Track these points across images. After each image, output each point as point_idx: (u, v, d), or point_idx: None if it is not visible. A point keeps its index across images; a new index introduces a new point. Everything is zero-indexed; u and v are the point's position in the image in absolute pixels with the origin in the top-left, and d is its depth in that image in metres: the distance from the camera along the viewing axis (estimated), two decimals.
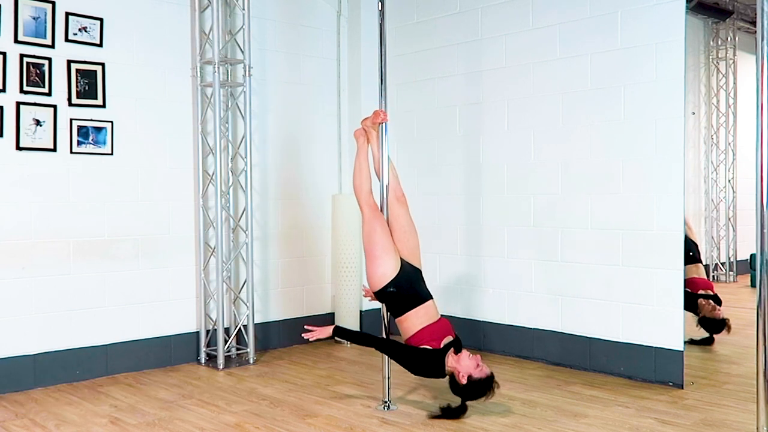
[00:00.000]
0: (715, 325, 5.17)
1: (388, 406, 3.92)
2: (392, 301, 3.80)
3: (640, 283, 4.43)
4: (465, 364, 3.62)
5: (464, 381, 3.60)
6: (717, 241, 6.13)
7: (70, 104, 4.49)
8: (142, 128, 4.81)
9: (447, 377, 3.71)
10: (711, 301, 5.22)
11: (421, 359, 3.68)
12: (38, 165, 4.40)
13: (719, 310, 5.20)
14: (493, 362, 4.96)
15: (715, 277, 6.63)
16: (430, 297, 3.87)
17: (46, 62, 4.40)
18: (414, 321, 3.76)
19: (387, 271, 3.77)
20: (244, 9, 5.01)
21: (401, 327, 3.81)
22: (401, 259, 3.84)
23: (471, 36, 5.34)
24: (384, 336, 3.95)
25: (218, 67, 4.86)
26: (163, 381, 4.56)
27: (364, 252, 3.96)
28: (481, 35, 5.28)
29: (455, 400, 3.73)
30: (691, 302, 4.99)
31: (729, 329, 5.15)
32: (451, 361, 3.66)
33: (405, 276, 3.80)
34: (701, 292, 5.25)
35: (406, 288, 3.78)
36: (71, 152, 4.51)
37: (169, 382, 4.54)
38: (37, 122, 4.37)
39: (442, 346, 3.68)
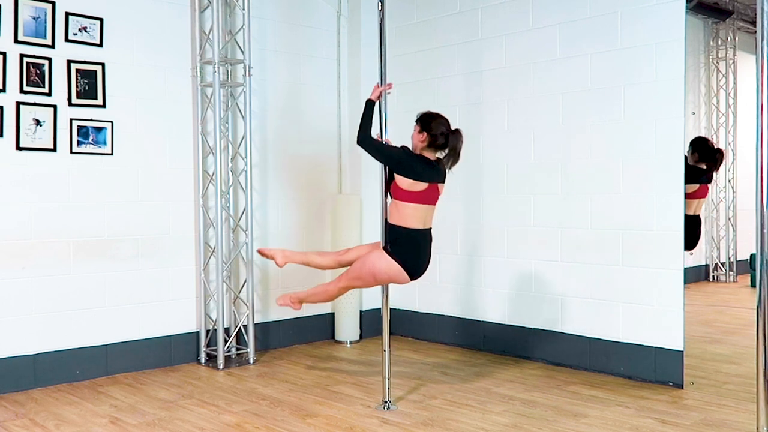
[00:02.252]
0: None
1: (388, 406, 3.91)
2: (397, 238, 3.85)
3: (640, 283, 4.43)
4: (413, 136, 3.96)
5: (422, 127, 3.89)
6: (717, 241, 6.13)
7: (70, 104, 4.49)
8: (142, 128, 4.81)
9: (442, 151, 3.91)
10: None
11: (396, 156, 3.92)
12: (38, 165, 4.40)
13: None
14: (493, 362, 4.96)
15: (715, 277, 6.63)
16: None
17: (46, 62, 4.40)
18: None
19: (380, 260, 3.83)
20: (244, 9, 5.01)
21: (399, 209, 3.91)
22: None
23: (471, 36, 5.34)
24: (385, 335, 3.96)
25: (218, 67, 4.86)
26: (163, 381, 4.56)
27: (367, 284, 3.99)
28: (481, 35, 5.28)
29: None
30: None
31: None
32: (415, 144, 3.94)
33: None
34: None
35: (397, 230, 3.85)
36: (71, 152, 4.51)
37: (169, 382, 4.54)
38: (37, 122, 4.37)
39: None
